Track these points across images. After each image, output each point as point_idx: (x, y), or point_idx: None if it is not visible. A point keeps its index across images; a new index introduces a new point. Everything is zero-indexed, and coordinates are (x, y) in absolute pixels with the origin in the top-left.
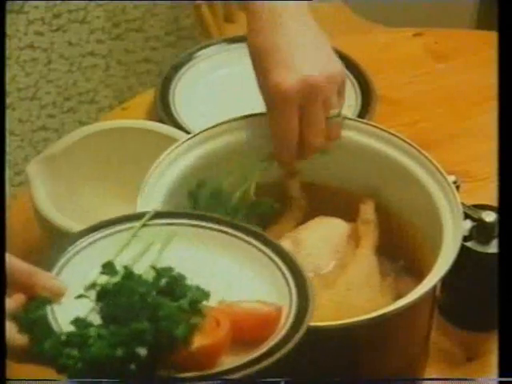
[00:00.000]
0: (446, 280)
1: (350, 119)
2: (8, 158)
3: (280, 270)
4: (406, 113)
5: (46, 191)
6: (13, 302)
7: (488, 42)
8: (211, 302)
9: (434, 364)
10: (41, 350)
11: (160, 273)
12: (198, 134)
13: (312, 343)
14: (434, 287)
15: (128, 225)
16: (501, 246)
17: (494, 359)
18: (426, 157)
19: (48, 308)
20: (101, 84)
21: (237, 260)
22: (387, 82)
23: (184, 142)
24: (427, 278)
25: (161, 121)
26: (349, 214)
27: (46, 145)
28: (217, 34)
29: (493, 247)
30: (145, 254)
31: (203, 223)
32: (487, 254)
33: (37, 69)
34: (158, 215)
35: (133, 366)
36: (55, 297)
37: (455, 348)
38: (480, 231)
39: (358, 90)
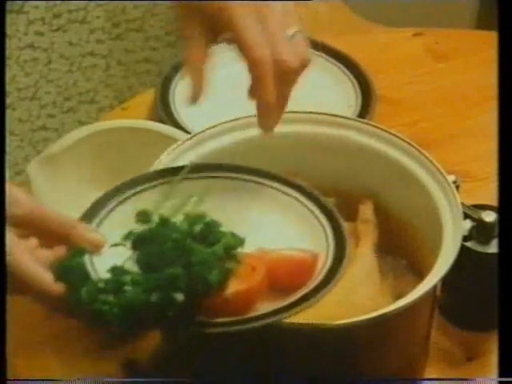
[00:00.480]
0: (446, 280)
1: (350, 119)
2: (8, 157)
3: (317, 218)
4: (405, 113)
5: (46, 191)
6: (53, 253)
7: (488, 42)
8: (248, 251)
9: (434, 364)
10: (77, 298)
11: (193, 220)
12: (197, 133)
13: (312, 343)
14: (434, 287)
15: (165, 179)
16: (501, 246)
17: (494, 359)
18: (426, 157)
19: (86, 257)
20: (101, 84)
21: (274, 210)
22: (387, 82)
23: (184, 142)
24: (427, 278)
25: (161, 121)
26: (348, 214)
27: (46, 145)
28: None
29: (493, 247)
30: (183, 207)
31: (240, 175)
32: (487, 253)
33: (37, 69)
34: (195, 169)
35: (170, 312)
36: (95, 249)
37: (455, 348)
38: (480, 231)
39: (358, 89)
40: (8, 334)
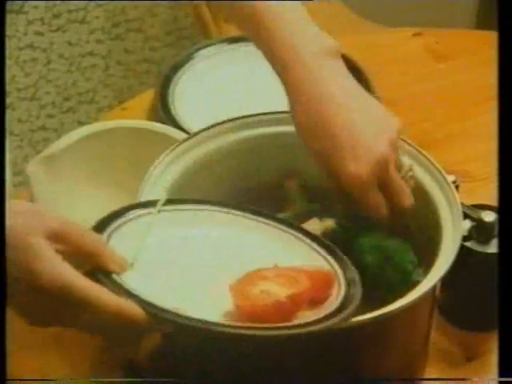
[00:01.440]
0: (446, 280)
1: None
2: (8, 157)
3: (306, 243)
4: (405, 113)
5: (46, 191)
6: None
7: (488, 42)
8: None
9: (434, 364)
10: None
11: None
12: (197, 134)
13: (312, 343)
14: (434, 287)
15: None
16: (500, 245)
17: (493, 359)
18: (426, 157)
19: (114, 275)
20: (100, 84)
21: (264, 240)
22: (387, 81)
23: (183, 142)
24: (427, 278)
25: (161, 121)
26: None
27: (46, 145)
28: (217, 33)
29: (492, 247)
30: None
31: (227, 209)
32: (487, 254)
33: (36, 69)
34: (183, 201)
35: None
36: (120, 270)
37: (454, 348)
38: (479, 231)
39: None
40: (8, 333)
